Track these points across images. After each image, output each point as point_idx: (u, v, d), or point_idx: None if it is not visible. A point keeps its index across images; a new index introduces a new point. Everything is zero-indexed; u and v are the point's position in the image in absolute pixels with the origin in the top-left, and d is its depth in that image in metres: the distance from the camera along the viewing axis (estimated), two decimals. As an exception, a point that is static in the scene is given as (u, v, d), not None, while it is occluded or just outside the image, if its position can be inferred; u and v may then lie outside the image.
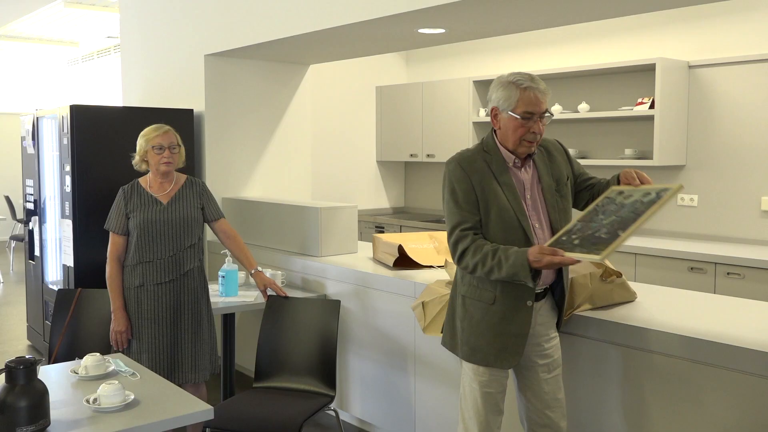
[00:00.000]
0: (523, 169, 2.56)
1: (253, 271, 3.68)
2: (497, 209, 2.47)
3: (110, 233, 3.43)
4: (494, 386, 2.59)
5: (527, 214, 2.52)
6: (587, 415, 2.83)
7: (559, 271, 2.58)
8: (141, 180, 3.50)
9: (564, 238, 2.37)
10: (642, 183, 2.45)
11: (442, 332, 2.86)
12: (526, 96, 2.44)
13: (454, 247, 2.49)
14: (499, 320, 2.51)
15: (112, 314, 3.37)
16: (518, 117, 2.45)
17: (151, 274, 3.38)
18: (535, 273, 2.37)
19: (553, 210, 2.57)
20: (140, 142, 3.44)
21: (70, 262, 4.82)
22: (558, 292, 2.62)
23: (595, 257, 2.20)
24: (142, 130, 3.50)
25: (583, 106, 5.59)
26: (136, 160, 3.48)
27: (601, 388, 2.78)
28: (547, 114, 2.48)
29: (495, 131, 2.58)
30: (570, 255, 2.28)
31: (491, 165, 2.51)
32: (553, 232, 2.55)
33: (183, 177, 3.54)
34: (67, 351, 3.55)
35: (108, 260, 3.41)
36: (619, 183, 2.54)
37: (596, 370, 2.79)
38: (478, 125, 6.37)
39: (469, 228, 2.47)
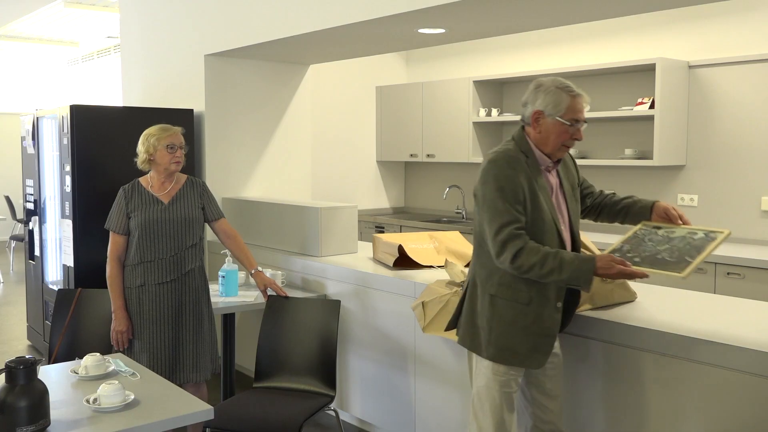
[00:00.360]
0: (551, 174, 2.62)
1: (253, 271, 3.68)
2: (538, 211, 2.51)
3: (111, 233, 3.43)
4: (512, 386, 2.61)
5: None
6: (587, 414, 2.83)
7: None
8: (142, 179, 3.50)
9: (617, 255, 2.50)
10: (683, 222, 2.64)
11: (446, 330, 2.85)
12: (575, 103, 2.52)
13: (503, 245, 2.44)
14: (532, 321, 2.53)
15: (113, 314, 3.37)
16: (566, 123, 2.51)
17: (153, 273, 3.38)
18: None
19: (573, 214, 2.65)
20: (151, 141, 3.42)
21: (70, 262, 4.82)
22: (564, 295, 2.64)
23: (678, 275, 2.38)
24: (142, 130, 3.49)
25: (583, 106, 5.59)
26: (142, 158, 3.46)
27: (601, 388, 2.78)
28: (585, 122, 2.57)
29: (527, 133, 2.60)
30: (639, 269, 2.41)
31: (529, 167, 2.55)
32: (572, 236, 2.63)
33: (183, 177, 3.55)
34: (67, 351, 3.55)
35: (108, 260, 3.41)
36: (651, 213, 2.70)
37: (596, 370, 2.79)
38: (478, 125, 6.37)
39: (521, 228, 2.47)
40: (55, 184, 5.18)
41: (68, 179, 4.77)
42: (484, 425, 2.62)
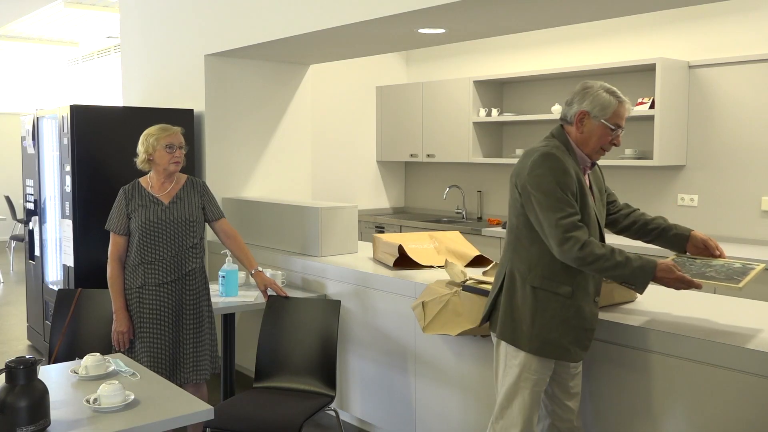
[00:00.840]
0: (586, 175, 2.66)
1: (253, 271, 3.68)
2: (586, 207, 2.55)
3: (111, 234, 3.42)
4: (542, 385, 2.62)
5: None
6: (587, 415, 2.83)
7: None
8: (142, 180, 3.49)
9: None
10: (720, 254, 2.74)
11: (481, 325, 2.83)
12: (622, 109, 2.59)
13: (568, 233, 2.44)
14: (573, 314, 2.55)
15: (114, 315, 3.37)
16: (610, 126, 2.56)
17: (153, 274, 3.37)
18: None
19: (600, 218, 2.68)
20: (150, 141, 3.41)
21: (70, 262, 4.82)
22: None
23: (735, 285, 2.48)
24: (142, 130, 3.49)
25: (583, 106, 5.58)
26: (141, 158, 3.45)
27: (601, 388, 2.78)
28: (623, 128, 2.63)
29: (567, 132, 2.63)
30: (696, 279, 2.49)
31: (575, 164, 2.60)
32: (601, 239, 2.66)
33: (183, 177, 3.54)
34: (67, 351, 3.55)
35: (109, 261, 3.41)
36: (687, 242, 2.76)
37: (596, 370, 2.79)
38: (478, 125, 6.37)
39: (581, 219, 2.50)
40: (55, 184, 5.18)
41: (68, 179, 4.77)
42: (511, 424, 2.61)
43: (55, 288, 5.05)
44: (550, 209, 2.48)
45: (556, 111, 5.70)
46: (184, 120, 5.06)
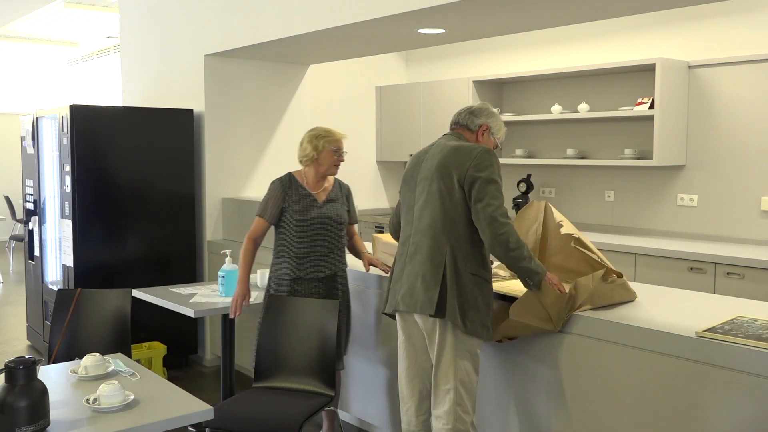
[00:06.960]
0: None
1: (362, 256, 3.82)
2: None
3: (256, 217, 3.56)
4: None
5: None
6: (586, 414, 2.83)
7: None
8: (296, 174, 3.61)
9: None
10: None
11: (435, 315, 2.82)
12: (504, 134, 3.18)
13: (503, 215, 2.74)
14: (491, 298, 2.89)
15: (238, 283, 3.54)
16: (498, 145, 3.14)
17: (309, 269, 3.51)
18: None
19: None
20: (321, 142, 3.56)
21: (70, 262, 4.82)
22: None
23: None
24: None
25: (583, 106, 5.59)
26: (308, 155, 3.55)
27: (601, 388, 2.78)
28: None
29: (468, 138, 3.11)
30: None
31: None
32: None
33: (331, 177, 3.70)
34: (66, 351, 3.55)
35: (247, 237, 3.57)
36: None
37: (596, 370, 2.79)
38: (478, 125, 6.36)
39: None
40: (54, 184, 5.18)
41: (68, 179, 4.77)
42: (466, 406, 2.84)
43: (55, 288, 5.05)
44: (495, 198, 2.76)
45: (556, 111, 5.70)
46: (184, 120, 5.07)
